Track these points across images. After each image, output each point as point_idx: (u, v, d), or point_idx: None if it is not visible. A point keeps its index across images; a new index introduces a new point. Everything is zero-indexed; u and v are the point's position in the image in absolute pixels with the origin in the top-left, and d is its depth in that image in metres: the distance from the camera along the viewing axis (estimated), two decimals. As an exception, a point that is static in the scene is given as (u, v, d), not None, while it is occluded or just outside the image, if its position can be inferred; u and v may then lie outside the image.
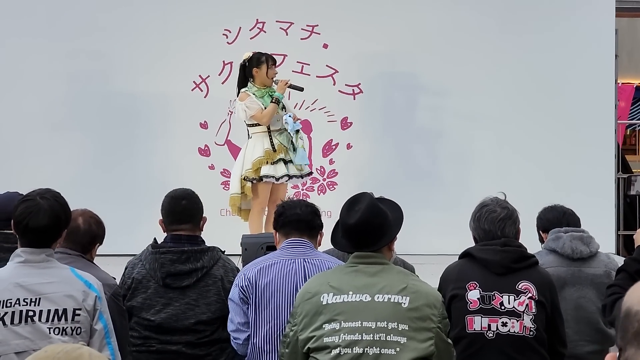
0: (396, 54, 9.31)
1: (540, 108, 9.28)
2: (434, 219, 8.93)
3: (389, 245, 3.67)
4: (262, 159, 7.50)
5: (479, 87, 9.27)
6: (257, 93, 7.57)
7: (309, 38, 9.31)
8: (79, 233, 4.25)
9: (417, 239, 8.18)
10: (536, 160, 9.21)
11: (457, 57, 9.24)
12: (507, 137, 9.26)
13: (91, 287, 3.57)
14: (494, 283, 4.01)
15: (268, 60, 7.64)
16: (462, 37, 9.27)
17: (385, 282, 3.54)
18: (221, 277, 4.43)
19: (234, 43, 9.25)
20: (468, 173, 9.19)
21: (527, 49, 9.28)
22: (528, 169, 9.17)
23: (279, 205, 4.37)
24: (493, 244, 4.10)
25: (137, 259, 4.52)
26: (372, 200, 3.64)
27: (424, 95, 9.34)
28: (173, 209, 4.50)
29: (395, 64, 9.36)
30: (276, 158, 7.52)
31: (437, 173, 9.26)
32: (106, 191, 8.92)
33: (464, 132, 9.28)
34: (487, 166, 9.19)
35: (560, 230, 4.69)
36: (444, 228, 8.69)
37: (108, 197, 8.75)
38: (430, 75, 9.28)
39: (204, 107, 9.26)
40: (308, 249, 4.15)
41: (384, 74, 9.36)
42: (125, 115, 9.18)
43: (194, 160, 9.21)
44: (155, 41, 9.22)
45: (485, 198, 4.24)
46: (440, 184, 9.21)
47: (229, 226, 7.86)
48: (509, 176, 8.97)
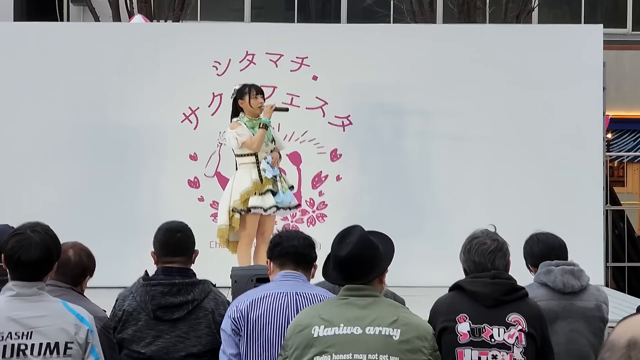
0: (384, 85, 9.36)
1: (528, 140, 9.34)
2: (424, 250, 8.95)
3: (380, 277, 3.69)
4: (250, 190, 7.53)
5: (466, 119, 9.32)
6: (247, 123, 7.63)
7: (299, 70, 9.36)
8: (69, 265, 4.26)
9: (408, 270, 8.18)
10: (525, 192, 9.25)
11: (446, 89, 9.30)
12: (495, 170, 9.31)
13: (83, 320, 3.57)
14: (484, 315, 4.02)
15: (251, 90, 7.68)
16: (448, 70, 9.34)
17: (376, 314, 3.55)
18: (212, 310, 4.43)
19: (223, 75, 9.29)
20: (458, 205, 9.21)
21: (513, 81, 9.34)
22: (517, 201, 9.21)
23: (276, 235, 4.35)
24: (483, 277, 4.10)
25: (128, 291, 4.51)
26: (363, 233, 3.67)
27: (412, 126, 9.38)
28: (167, 241, 4.50)
29: (384, 95, 9.40)
30: (264, 189, 7.55)
31: (426, 204, 9.29)
32: (96, 223, 8.92)
33: (452, 165, 9.32)
34: (477, 198, 9.22)
35: (552, 263, 4.70)
36: (434, 259, 8.71)
37: (98, 229, 8.75)
38: (418, 106, 9.33)
39: (194, 138, 9.28)
40: (301, 282, 4.15)
41: (373, 106, 9.41)
42: (115, 147, 9.20)
43: (184, 191, 9.22)
44: (145, 72, 9.26)
45: (475, 230, 4.25)
46: (430, 214, 9.24)
47: (218, 258, 7.85)
48: (498, 207, 9.01)
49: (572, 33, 9.86)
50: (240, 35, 9.49)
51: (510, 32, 9.98)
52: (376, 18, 16.80)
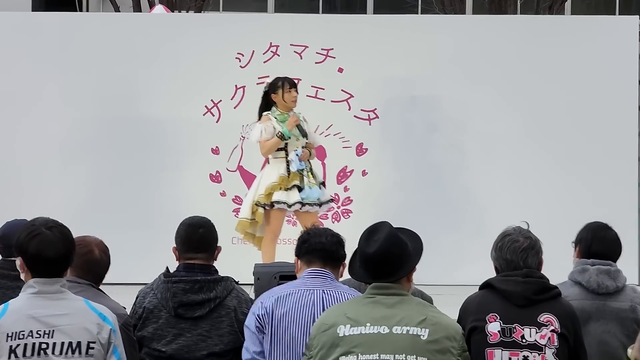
0: (413, 77, 9.31)
1: (561, 135, 9.27)
2: (453, 247, 8.91)
3: (408, 276, 3.69)
4: (276, 185, 7.58)
5: (499, 112, 9.26)
6: (278, 117, 7.72)
7: (324, 62, 9.35)
8: (98, 265, 4.32)
9: (436, 269, 8.14)
10: (558, 189, 9.20)
11: (476, 82, 9.25)
12: (528, 166, 9.25)
13: (106, 319, 3.57)
14: (515, 315, 4.01)
15: (284, 84, 7.76)
16: (480, 61, 9.29)
17: (404, 313, 3.55)
18: (234, 308, 4.43)
19: (247, 67, 9.29)
20: (489, 201, 9.16)
21: (545, 75, 9.28)
22: (550, 198, 9.15)
23: (304, 232, 4.37)
24: (515, 275, 4.09)
25: (149, 287, 4.52)
26: (392, 230, 3.66)
27: (442, 121, 9.34)
28: (190, 237, 4.51)
29: (412, 88, 9.36)
30: (290, 184, 7.58)
31: (456, 200, 9.24)
32: (118, 218, 8.97)
33: (484, 159, 9.27)
34: (509, 195, 9.16)
35: (587, 262, 4.66)
36: (463, 257, 8.69)
37: (120, 225, 8.80)
38: (449, 99, 9.28)
39: (216, 132, 9.29)
40: (328, 280, 4.15)
41: (401, 99, 9.37)
42: (136, 141, 9.22)
43: (205, 186, 9.24)
44: (166, 64, 9.26)
45: (507, 227, 4.24)
46: (459, 211, 9.19)
47: (240, 255, 7.87)
48: (531, 204, 8.95)
49: (606, 24, 9.77)
50: (263, 26, 9.48)
51: (542, 24, 9.91)
52: (404, 9, 16.76)
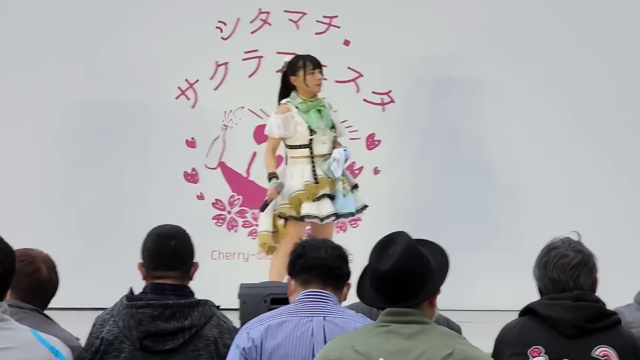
0: (437, 54, 9.33)
1: (618, 126, 9.28)
2: (487, 265, 8.94)
3: (430, 299, 3.69)
4: (303, 194, 7.64)
5: (541, 100, 9.26)
6: (300, 106, 7.77)
7: (326, 32, 9.36)
8: (46, 286, 4.33)
9: (465, 290, 8.18)
10: (617, 192, 9.21)
11: (515, 61, 9.25)
12: (577, 164, 9.25)
13: (58, 354, 3.56)
14: (563, 348, 4.02)
15: (306, 64, 7.80)
16: (520, 35, 9.28)
17: (426, 346, 3.56)
18: (215, 340, 4.42)
19: (229, 38, 9.31)
20: (529, 208, 9.18)
21: (598, 56, 9.28)
22: (607, 203, 9.15)
23: (298, 245, 4.35)
24: (563, 298, 4.10)
25: (108, 314, 4.52)
26: (410, 242, 3.66)
27: (475, 108, 9.35)
28: (160, 250, 4.50)
29: (434, 66, 9.37)
30: (319, 193, 7.60)
31: (489, 207, 9.25)
32: (67, 227, 8.97)
33: (524, 156, 9.28)
34: (554, 200, 9.17)
35: (661, 279, 4.68)
36: (499, 277, 8.70)
37: (70, 235, 8.81)
38: (482, 82, 9.29)
39: (192, 120, 9.31)
40: (330, 303, 4.16)
41: (424, 80, 9.37)
42: (91, 131, 9.23)
43: (179, 187, 9.26)
44: (130, 36, 9.27)
45: (554, 239, 4.23)
46: (493, 221, 9.21)
47: (223, 272, 7.91)
48: (583, 211, 8.97)
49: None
50: (251, -13, 9.51)
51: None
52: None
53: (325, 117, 7.89)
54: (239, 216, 9.28)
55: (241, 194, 9.30)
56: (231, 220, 9.28)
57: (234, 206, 9.29)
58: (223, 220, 9.24)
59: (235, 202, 9.29)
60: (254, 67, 9.26)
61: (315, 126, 7.86)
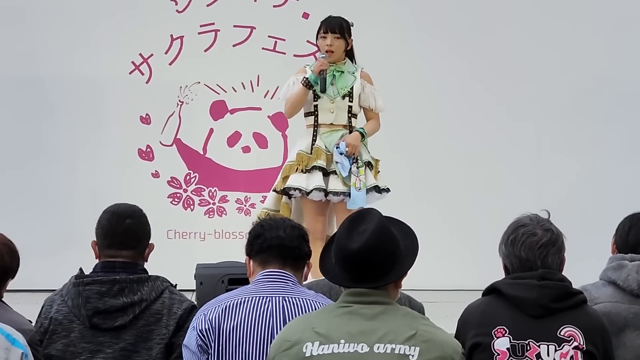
0: (409, 28, 9.32)
1: (593, 98, 9.34)
2: (449, 243, 8.96)
3: (396, 281, 3.68)
4: (293, 165, 7.44)
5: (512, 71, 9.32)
6: None
7: (284, 5, 9.33)
8: (6, 271, 4.29)
9: (428, 269, 8.15)
10: (584, 170, 9.25)
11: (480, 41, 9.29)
12: (549, 134, 9.30)
13: (15, 342, 3.55)
14: (528, 328, 4.02)
15: (320, 27, 7.64)
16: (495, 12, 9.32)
17: (388, 327, 3.56)
18: (167, 312, 4.43)
19: (185, 11, 9.26)
20: (496, 182, 9.21)
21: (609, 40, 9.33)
22: (576, 178, 9.20)
23: (256, 224, 4.34)
24: (528, 277, 4.10)
25: (57, 294, 4.52)
26: (382, 221, 3.63)
27: (438, 85, 9.35)
28: (113, 228, 4.50)
29: (408, 43, 9.36)
30: (311, 165, 7.41)
31: (454, 182, 9.27)
32: (16, 207, 8.93)
33: (493, 125, 9.31)
34: (523, 174, 9.22)
35: (625, 257, 4.67)
36: (463, 255, 8.72)
37: (19, 215, 8.75)
38: (453, 61, 9.29)
39: (146, 95, 9.27)
40: (290, 284, 4.15)
41: (381, 56, 9.34)
42: (41, 107, 9.17)
43: (133, 165, 9.22)
44: (82, 11, 9.20)
45: (521, 216, 4.23)
46: (458, 196, 9.23)
47: (179, 253, 7.89)
48: (551, 186, 9.01)
49: None
50: (205, -42, 9.47)
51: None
52: None
53: (341, 83, 7.56)
54: (195, 194, 9.26)
55: (197, 171, 9.27)
56: (187, 198, 9.26)
57: (190, 184, 9.26)
58: (179, 199, 9.22)
59: (192, 180, 9.26)
60: (210, 41, 9.23)
61: (320, 90, 7.50)
